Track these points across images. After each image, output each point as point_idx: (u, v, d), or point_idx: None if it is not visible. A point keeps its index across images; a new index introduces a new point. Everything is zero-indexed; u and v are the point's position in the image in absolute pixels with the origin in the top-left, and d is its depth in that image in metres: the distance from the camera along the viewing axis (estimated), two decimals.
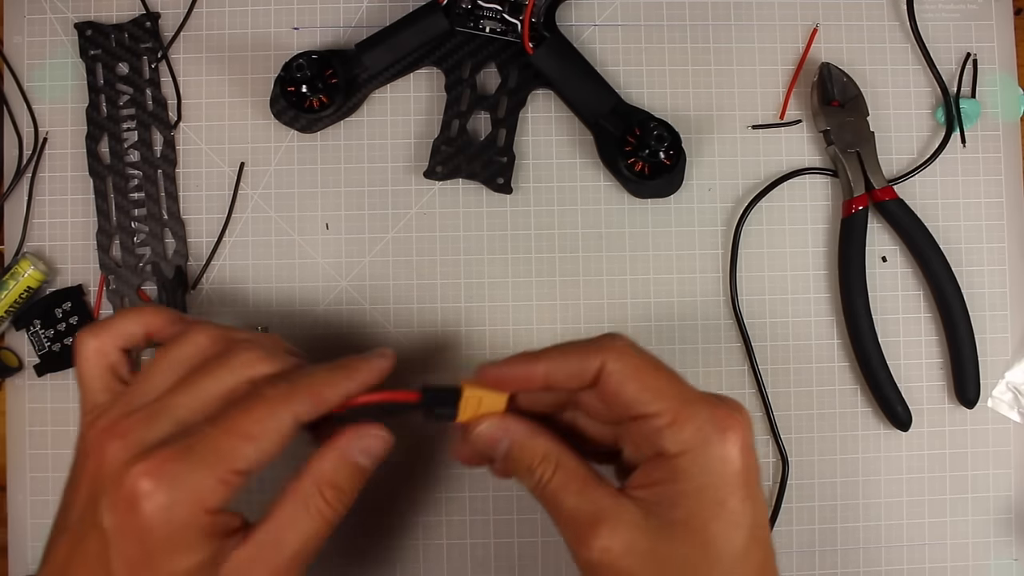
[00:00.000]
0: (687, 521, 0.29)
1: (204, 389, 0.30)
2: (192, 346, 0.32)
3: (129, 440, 0.29)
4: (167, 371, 0.32)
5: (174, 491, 0.28)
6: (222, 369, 0.31)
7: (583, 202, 0.43)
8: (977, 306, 0.42)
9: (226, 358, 0.31)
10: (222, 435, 0.29)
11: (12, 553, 0.42)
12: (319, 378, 0.31)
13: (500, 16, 0.42)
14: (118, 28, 0.43)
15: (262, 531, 0.30)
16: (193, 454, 0.28)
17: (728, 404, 0.30)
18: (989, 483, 0.42)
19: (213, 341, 0.32)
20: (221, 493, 0.28)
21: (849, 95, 0.43)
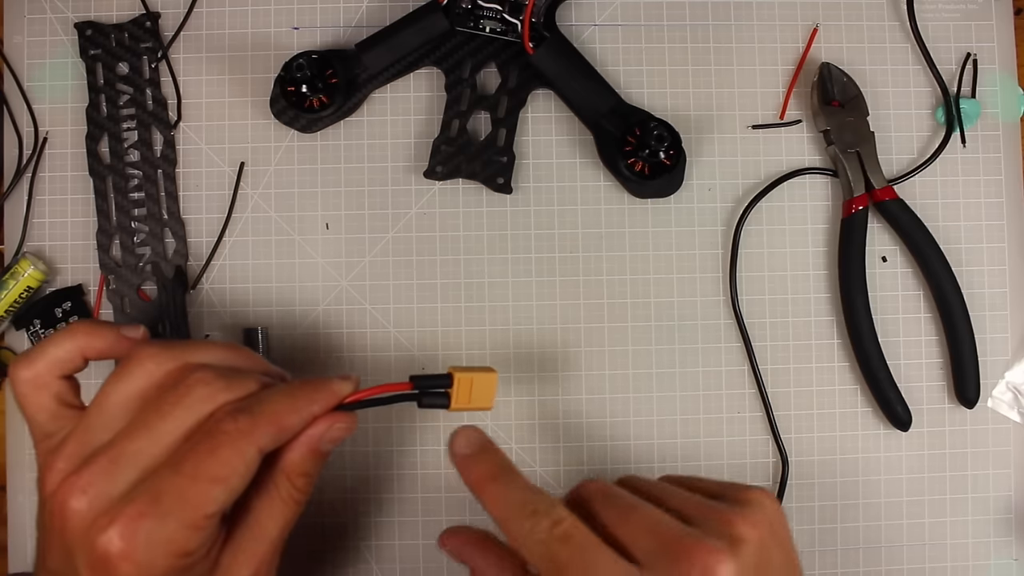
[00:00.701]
0: None
1: (163, 431, 0.29)
2: (144, 376, 0.31)
3: (92, 495, 0.28)
4: (120, 405, 0.30)
5: (149, 548, 0.28)
6: (179, 408, 0.30)
7: (583, 202, 0.43)
8: (977, 306, 0.42)
9: (183, 393, 0.30)
10: (189, 482, 0.28)
11: (12, 553, 0.42)
12: (281, 405, 0.31)
13: (500, 16, 0.42)
14: (118, 28, 0.43)
15: (244, 527, 0.31)
16: (162, 506, 0.28)
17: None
18: (989, 483, 0.42)
19: (165, 371, 0.31)
20: (195, 537, 0.29)
21: (849, 95, 0.43)
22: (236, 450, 0.29)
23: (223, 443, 0.29)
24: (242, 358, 0.33)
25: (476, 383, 0.33)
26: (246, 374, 0.32)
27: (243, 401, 0.30)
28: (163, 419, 0.29)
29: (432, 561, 0.42)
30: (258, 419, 0.30)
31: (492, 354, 0.42)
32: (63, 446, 0.30)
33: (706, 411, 0.42)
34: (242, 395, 0.31)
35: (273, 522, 0.31)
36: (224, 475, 0.29)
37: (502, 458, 0.32)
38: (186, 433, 0.30)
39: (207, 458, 0.29)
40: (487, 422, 0.42)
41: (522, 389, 0.42)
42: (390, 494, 0.42)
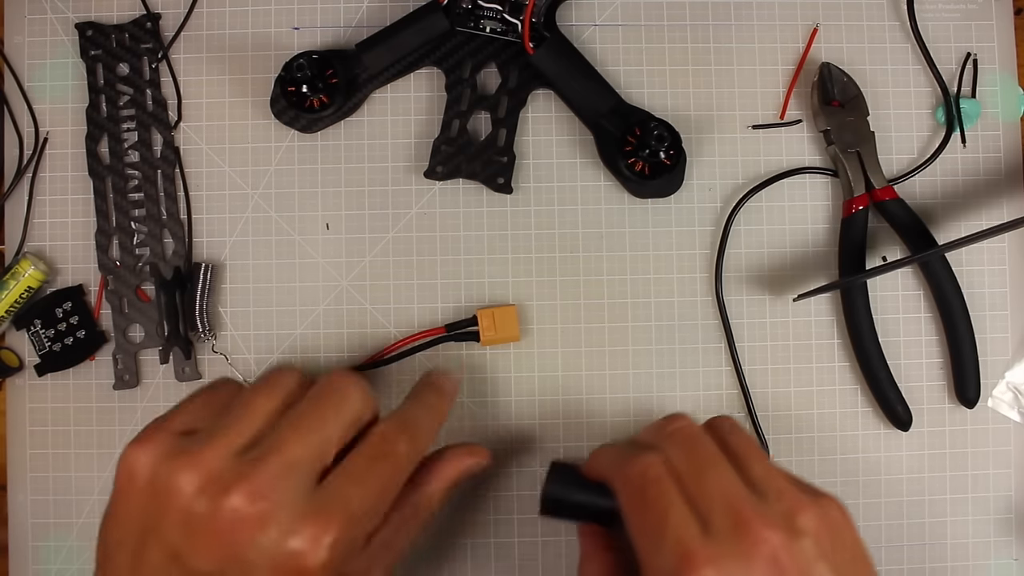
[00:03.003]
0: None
1: (327, 437, 0.31)
2: (283, 389, 0.33)
3: (274, 500, 0.29)
4: (267, 412, 0.32)
5: (343, 555, 0.30)
6: (339, 413, 0.32)
7: (583, 202, 0.43)
8: (977, 306, 0.42)
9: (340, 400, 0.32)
10: (376, 498, 0.31)
11: (12, 553, 0.42)
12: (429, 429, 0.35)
13: (500, 16, 0.42)
14: (119, 28, 0.43)
15: (379, 537, 0.33)
16: (356, 520, 0.30)
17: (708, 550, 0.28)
18: (989, 483, 0.42)
19: (298, 383, 0.33)
20: (362, 547, 0.31)
21: (849, 95, 0.43)
22: (405, 469, 0.33)
23: (398, 462, 0.33)
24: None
25: (497, 316, 0.41)
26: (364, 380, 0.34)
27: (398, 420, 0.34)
28: (325, 424, 0.31)
29: (432, 561, 0.42)
30: (418, 443, 0.34)
31: (492, 353, 0.42)
32: (207, 449, 0.30)
33: (706, 410, 0.42)
34: (375, 400, 0.34)
35: (402, 538, 0.34)
36: (393, 491, 0.32)
37: None
38: (343, 437, 0.32)
39: (389, 477, 0.32)
40: (487, 422, 0.42)
41: (522, 389, 0.42)
42: None
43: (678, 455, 0.31)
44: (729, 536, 0.28)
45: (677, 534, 0.29)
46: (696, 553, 0.28)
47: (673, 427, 0.33)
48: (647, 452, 0.32)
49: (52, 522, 0.42)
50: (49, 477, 0.42)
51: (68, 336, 0.42)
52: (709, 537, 0.28)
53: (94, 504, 0.42)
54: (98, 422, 0.42)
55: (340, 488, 0.30)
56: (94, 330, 0.42)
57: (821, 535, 0.29)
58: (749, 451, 0.32)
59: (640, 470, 0.31)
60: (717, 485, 0.30)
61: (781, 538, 0.28)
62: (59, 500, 0.42)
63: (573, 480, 0.36)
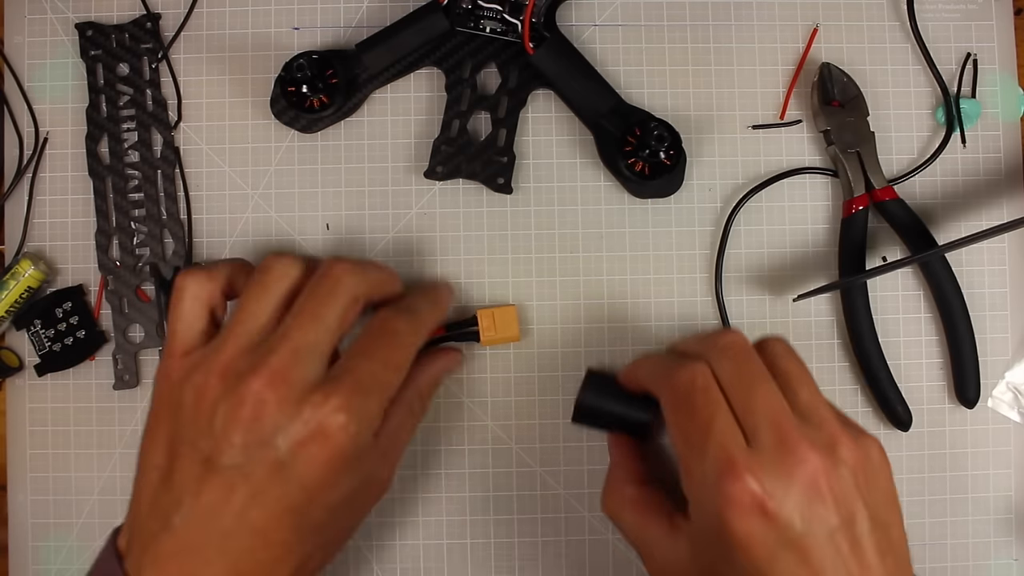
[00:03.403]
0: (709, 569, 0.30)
1: (328, 320, 0.33)
2: (286, 280, 0.34)
3: (291, 382, 0.31)
4: (271, 307, 0.33)
5: (360, 421, 0.32)
6: (335, 296, 0.33)
7: (583, 202, 0.43)
8: (977, 306, 0.42)
9: (334, 283, 0.34)
10: (381, 368, 0.33)
11: (12, 553, 0.42)
12: (429, 312, 0.37)
13: (500, 16, 0.42)
14: (119, 28, 0.43)
15: (384, 433, 0.34)
16: (367, 388, 0.32)
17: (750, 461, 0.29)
18: (989, 483, 0.42)
19: (301, 271, 0.35)
20: (381, 417, 0.33)
21: (849, 95, 0.43)
22: (408, 345, 0.35)
23: (401, 339, 0.35)
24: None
25: (498, 316, 0.41)
26: (369, 263, 0.37)
27: (398, 306, 0.36)
28: (326, 307, 0.33)
29: (433, 561, 0.42)
30: (418, 322, 0.36)
31: (492, 354, 0.42)
32: (218, 354, 0.32)
33: None
34: (375, 279, 0.36)
35: (404, 432, 0.36)
36: (402, 365, 0.35)
37: None
38: (343, 319, 0.34)
39: (391, 350, 0.34)
40: (487, 422, 0.42)
41: (523, 389, 0.42)
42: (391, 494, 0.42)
43: (727, 368, 0.32)
44: (773, 452, 0.29)
45: (721, 441, 0.30)
46: (738, 461, 0.29)
47: (725, 340, 0.33)
48: (695, 361, 0.32)
49: (52, 522, 0.42)
50: (49, 477, 0.42)
51: (68, 336, 0.42)
52: (753, 449, 0.29)
53: (94, 504, 0.42)
54: (98, 422, 0.42)
55: (347, 362, 0.33)
56: (94, 330, 0.42)
57: (858, 470, 0.30)
58: (799, 376, 0.32)
59: (689, 377, 0.31)
60: (764, 402, 0.30)
61: (823, 462, 0.29)
62: (59, 500, 0.42)
63: (609, 390, 0.37)
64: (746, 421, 0.30)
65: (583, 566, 0.42)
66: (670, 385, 0.32)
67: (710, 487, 0.29)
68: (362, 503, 0.35)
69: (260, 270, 0.34)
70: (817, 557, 0.28)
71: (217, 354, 0.32)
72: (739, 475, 0.29)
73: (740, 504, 0.28)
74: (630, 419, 0.36)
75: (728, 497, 0.28)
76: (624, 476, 0.36)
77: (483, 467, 0.42)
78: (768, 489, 0.28)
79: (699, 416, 0.31)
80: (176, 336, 0.34)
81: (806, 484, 0.29)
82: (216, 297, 0.35)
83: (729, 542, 0.29)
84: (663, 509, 0.34)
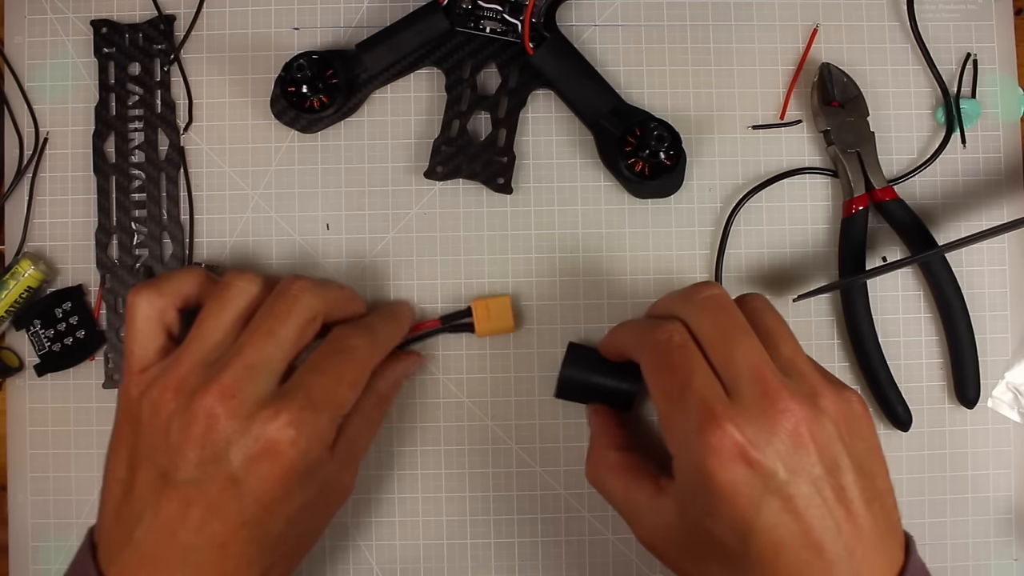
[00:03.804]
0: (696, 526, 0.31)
1: (284, 337, 0.33)
2: (243, 296, 0.34)
3: (241, 398, 0.31)
4: (227, 325, 0.34)
5: (311, 437, 0.32)
6: (292, 314, 0.33)
7: (583, 202, 0.43)
8: (977, 306, 0.42)
9: (292, 301, 0.34)
10: (334, 384, 0.33)
11: (12, 553, 0.42)
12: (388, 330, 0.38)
13: (500, 16, 0.42)
14: (133, 28, 0.43)
15: (342, 441, 0.35)
16: (317, 402, 0.32)
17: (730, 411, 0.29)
18: (989, 483, 0.42)
19: (260, 289, 0.35)
20: (333, 433, 0.33)
21: (849, 95, 0.43)
22: (364, 361, 0.35)
23: (355, 356, 0.35)
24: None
25: (492, 307, 0.41)
26: (328, 282, 0.37)
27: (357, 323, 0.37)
28: (281, 325, 0.33)
29: (433, 561, 0.42)
30: (375, 339, 0.36)
31: (492, 354, 0.42)
32: (173, 370, 0.32)
33: None
34: (334, 298, 0.36)
35: (363, 438, 0.37)
36: (356, 381, 0.35)
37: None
38: (299, 337, 0.34)
39: (346, 366, 0.34)
40: (488, 422, 0.42)
41: (522, 389, 0.42)
42: (390, 494, 0.42)
43: (707, 322, 0.32)
44: (754, 402, 0.29)
45: (701, 394, 0.30)
46: (719, 412, 0.29)
47: (703, 295, 0.33)
48: (671, 320, 0.32)
49: (52, 522, 0.42)
50: (49, 477, 0.42)
51: (68, 336, 0.42)
52: (734, 401, 0.30)
53: (94, 504, 0.42)
54: (98, 422, 0.42)
55: (300, 377, 0.33)
56: (94, 330, 0.42)
57: (840, 421, 0.30)
58: (780, 331, 0.33)
59: (666, 336, 0.32)
60: (744, 354, 0.31)
61: (805, 412, 0.29)
62: (59, 500, 0.42)
63: (591, 362, 0.37)
64: (726, 374, 0.30)
65: (583, 566, 0.42)
66: (648, 346, 0.32)
67: (692, 440, 0.29)
68: (323, 510, 0.35)
69: (220, 286, 0.35)
70: (802, 504, 0.29)
71: (173, 369, 0.32)
72: (720, 424, 0.29)
73: (722, 453, 0.28)
74: (613, 389, 0.36)
75: (710, 447, 0.29)
76: (606, 443, 0.36)
77: (483, 467, 0.42)
78: (750, 437, 0.29)
79: (678, 372, 0.31)
80: (132, 354, 0.34)
81: (789, 433, 0.29)
82: (168, 313, 0.35)
83: (713, 492, 0.29)
84: (647, 472, 0.34)
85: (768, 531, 0.28)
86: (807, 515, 0.28)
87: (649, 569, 0.42)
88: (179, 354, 0.33)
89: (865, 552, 0.29)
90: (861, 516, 0.29)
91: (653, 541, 0.33)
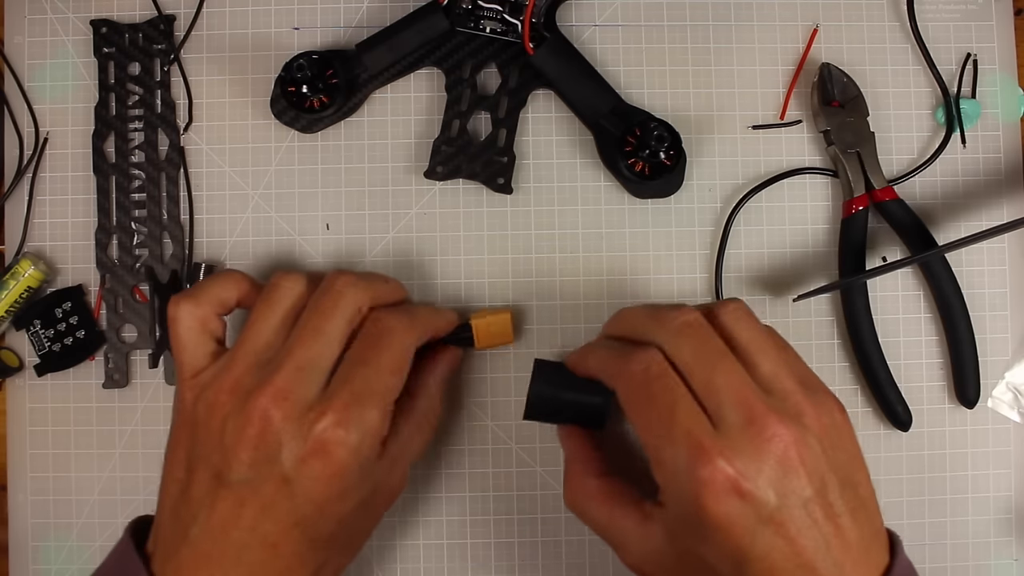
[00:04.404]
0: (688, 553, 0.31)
1: (332, 334, 0.33)
2: (289, 296, 0.35)
3: (293, 399, 0.31)
4: (276, 325, 0.34)
5: (360, 433, 0.32)
6: (338, 309, 0.34)
7: (583, 202, 0.43)
8: (977, 306, 0.42)
9: (337, 297, 0.34)
10: (376, 374, 0.33)
11: (12, 553, 0.42)
12: (426, 316, 0.38)
13: (500, 16, 0.42)
14: (133, 28, 0.43)
15: (394, 441, 0.35)
16: (363, 397, 0.32)
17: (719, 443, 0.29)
18: (989, 483, 0.42)
19: (304, 287, 0.35)
20: (386, 423, 0.33)
21: (849, 95, 0.43)
22: (403, 344, 0.35)
23: (393, 338, 0.34)
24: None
25: (492, 324, 0.40)
26: (372, 275, 0.37)
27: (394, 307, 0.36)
28: (328, 321, 0.34)
29: (433, 561, 0.42)
30: (414, 321, 0.36)
31: (492, 354, 0.42)
32: (227, 372, 0.33)
33: None
34: (380, 290, 0.36)
35: (419, 441, 0.37)
36: (398, 367, 0.34)
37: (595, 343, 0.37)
38: (348, 331, 0.34)
39: (386, 352, 0.34)
40: (487, 422, 0.42)
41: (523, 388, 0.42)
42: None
43: (685, 350, 0.31)
44: (741, 431, 0.29)
45: (687, 427, 0.29)
46: (708, 446, 0.29)
47: (679, 321, 0.32)
48: (646, 348, 0.32)
49: (52, 522, 0.42)
50: (49, 477, 0.42)
51: (68, 336, 0.42)
52: (720, 431, 0.29)
53: (94, 504, 0.42)
54: (98, 422, 0.42)
55: (344, 373, 0.33)
56: (94, 330, 0.42)
57: (823, 436, 0.30)
58: (758, 344, 0.32)
59: (643, 367, 0.31)
60: (726, 380, 0.30)
61: (792, 435, 0.29)
62: (59, 500, 0.42)
63: (560, 379, 0.36)
64: (709, 402, 0.30)
65: (583, 566, 0.42)
66: (625, 375, 0.32)
67: (682, 474, 0.29)
68: (374, 509, 0.35)
69: (267, 288, 0.35)
70: (794, 529, 0.29)
71: (227, 372, 0.33)
72: (710, 459, 0.29)
73: (715, 487, 0.28)
74: (586, 403, 0.35)
75: (702, 482, 0.28)
76: (583, 469, 0.36)
77: (483, 467, 0.42)
78: (740, 469, 0.28)
79: (659, 405, 0.30)
80: (183, 364, 0.35)
81: (778, 459, 0.29)
82: (210, 319, 0.36)
83: (707, 524, 0.29)
84: (630, 498, 0.33)
85: (762, 558, 0.29)
86: (799, 538, 0.29)
87: None
88: (232, 356, 0.34)
89: (854, 564, 0.29)
90: (848, 528, 0.30)
91: (642, 566, 0.33)
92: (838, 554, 0.29)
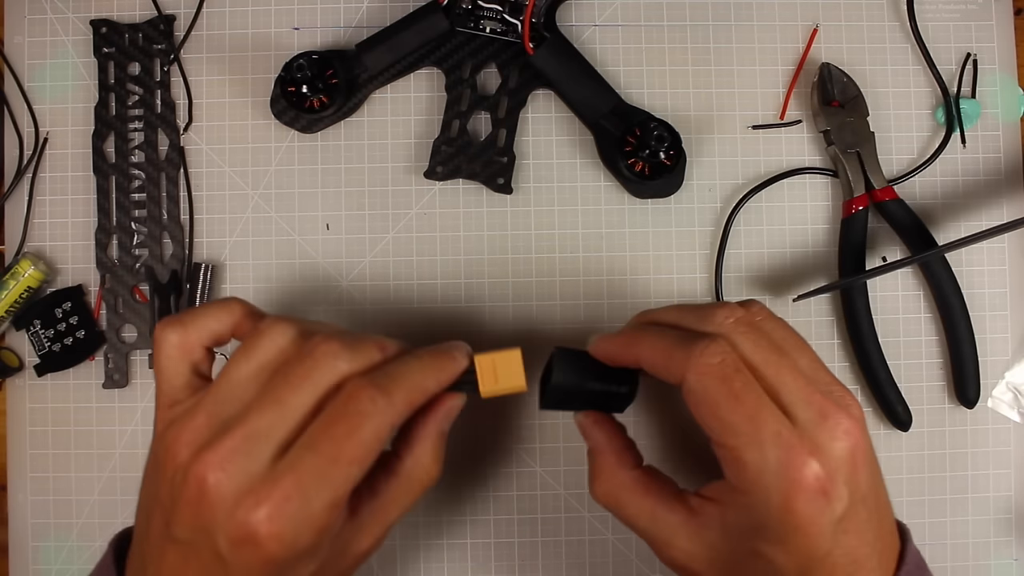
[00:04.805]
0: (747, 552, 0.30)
1: (294, 406, 0.30)
2: (271, 349, 0.31)
3: (231, 472, 0.28)
4: (248, 378, 0.31)
5: (295, 527, 0.28)
6: (308, 381, 0.30)
7: (583, 202, 0.43)
8: (977, 306, 0.42)
9: (310, 366, 0.30)
10: (328, 464, 0.29)
11: (12, 553, 0.42)
12: (412, 382, 0.32)
13: (500, 16, 0.42)
14: (133, 28, 0.43)
15: (367, 511, 0.32)
16: (306, 487, 0.28)
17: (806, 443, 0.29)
18: (989, 483, 0.42)
19: (290, 342, 0.31)
20: (334, 515, 0.29)
21: (849, 95, 0.43)
22: (373, 430, 0.30)
23: (361, 424, 0.29)
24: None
25: (498, 364, 0.33)
26: (366, 340, 0.32)
27: (375, 375, 0.31)
28: (293, 392, 0.30)
29: (433, 561, 0.42)
30: (393, 397, 0.30)
31: None
32: (190, 417, 0.30)
33: None
34: (366, 365, 0.31)
35: (399, 506, 0.32)
36: (361, 456, 0.29)
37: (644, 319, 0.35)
38: (316, 405, 0.30)
39: (345, 440, 0.29)
40: (487, 423, 0.42)
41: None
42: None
43: (744, 346, 0.31)
44: (817, 427, 0.29)
45: (775, 428, 0.29)
46: (797, 447, 0.29)
47: (732, 318, 0.32)
48: (714, 338, 0.31)
49: (52, 522, 0.42)
50: (49, 477, 0.42)
51: (68, 336, 0.42)
52: (800, 430, 0.29)
53: (94, 504, 0.42)
54: (98, 422, 0.42)
55: (294, 457, 0.29)
56: (94, 330, 0.42)
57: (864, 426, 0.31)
58: (792, 342, 0.32)
59: (717, 360, 0.30)
60: (792, 378, 0.30)
61: (857, 430, 0.30)
62: (59, 500, 0.42)
63: (583, 367, 0.34)
64: (780, 400, 0.30)
65: (583, 566, 0.42)
66: (697, 370, 0.30)
67: (770, 475, 0.29)
68: (336, 572, 0.32)
69: (252, 334, 0.32)
70: (854, 527, 0.29)
71: (190, 417, 0.30)
72: (804, 461, 0.29)
73: (807, 489, 0.28)
74: (612, 395, 0.34)
75: (795, 483, 0.28)
76: (617, 460, 0.34)
77: (483, 467, 0.42)
78: (829, 469, 0.29)
79: (745, 404, 0.29)
80: (160, 391, 0.33)
81: (849, 456, 0.29)
82: (195, 350, 0.33)
83: (787, 525, 0.29)
84: (671, 492, 0.32)
85: (827, 557, 0.29)
86: (858, 536, 0.29)
87: (649, 569, 0.42)
88: (200, 401, 0.31)
89: (881, 554, 0.30)
90: (883, 519, 0.31)
91: (689, 563, 0.32)
92: (878, 546, 0.30)
